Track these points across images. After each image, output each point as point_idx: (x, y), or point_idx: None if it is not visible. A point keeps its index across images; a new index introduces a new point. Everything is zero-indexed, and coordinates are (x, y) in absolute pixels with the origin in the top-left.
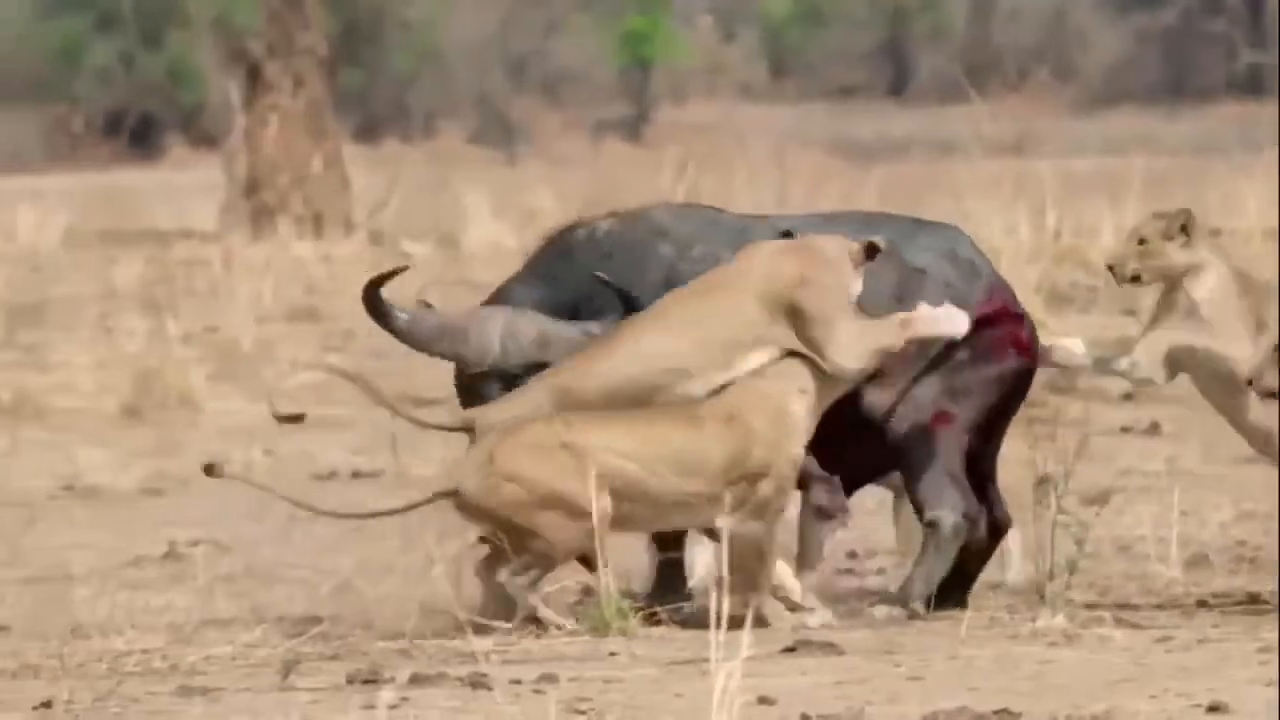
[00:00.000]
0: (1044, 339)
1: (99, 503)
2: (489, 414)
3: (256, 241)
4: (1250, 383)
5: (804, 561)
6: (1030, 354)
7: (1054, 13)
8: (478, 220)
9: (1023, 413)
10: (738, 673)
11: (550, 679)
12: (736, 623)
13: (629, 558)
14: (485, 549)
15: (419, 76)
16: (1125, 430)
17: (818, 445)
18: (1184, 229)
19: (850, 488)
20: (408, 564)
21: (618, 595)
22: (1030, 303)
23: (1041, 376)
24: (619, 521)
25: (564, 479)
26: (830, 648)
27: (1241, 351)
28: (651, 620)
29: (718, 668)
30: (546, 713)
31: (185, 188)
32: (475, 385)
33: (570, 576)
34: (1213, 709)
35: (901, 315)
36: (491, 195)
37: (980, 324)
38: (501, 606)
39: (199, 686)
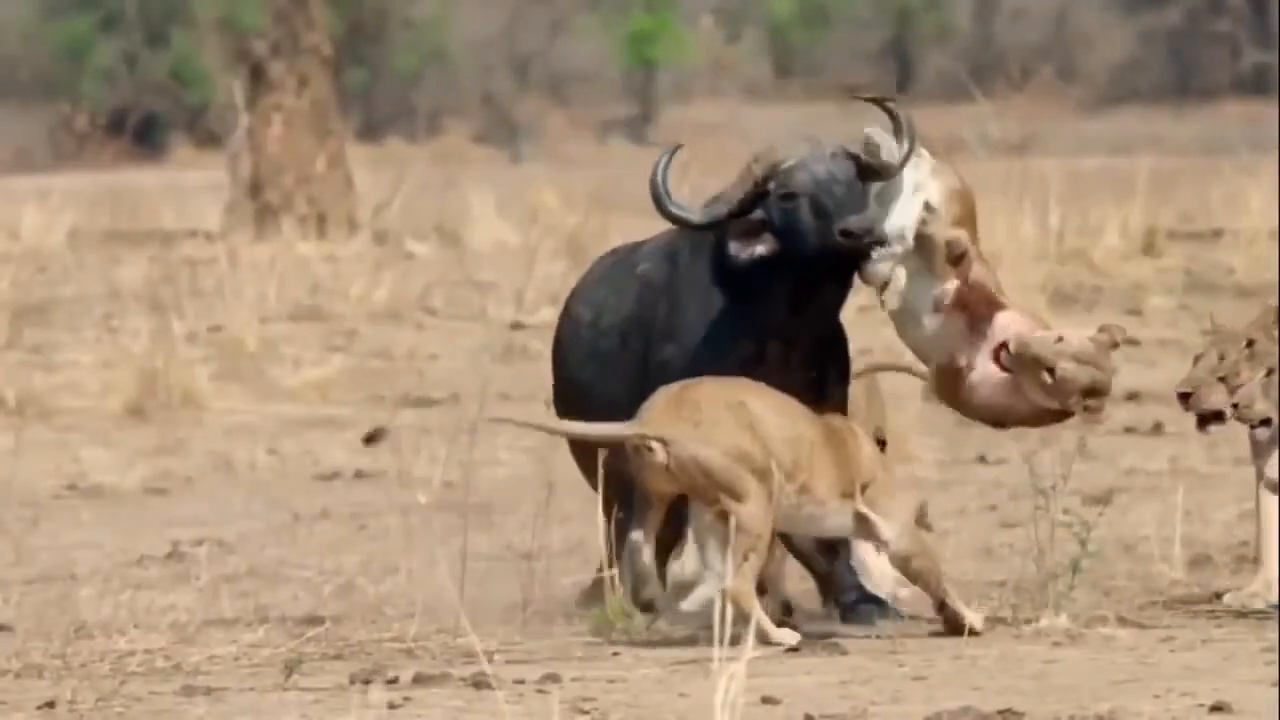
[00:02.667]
0: None
1: (103, 502)
2: None
3: (261, 241)
4: (1223, 381)
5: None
6: None
7: (1058, 12)
8: (483, 220)
9: None
10: (742, 673)
11: (553, 679)
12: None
13: None
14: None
15: (423, 76)
16: (1129, 430)
17: None
18: None
19: None
20: (411, 564)
21: (621, 594)
22: (1035, 302)
23: None
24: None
25: (745, 439)
26: (834, 647)
27: None
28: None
29: (721, 668)
30: (550, 712)
31: (190, 187)
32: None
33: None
34: (1216, 709)
35: None
36: (496, 195)
37: None
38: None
39: (202, 686)
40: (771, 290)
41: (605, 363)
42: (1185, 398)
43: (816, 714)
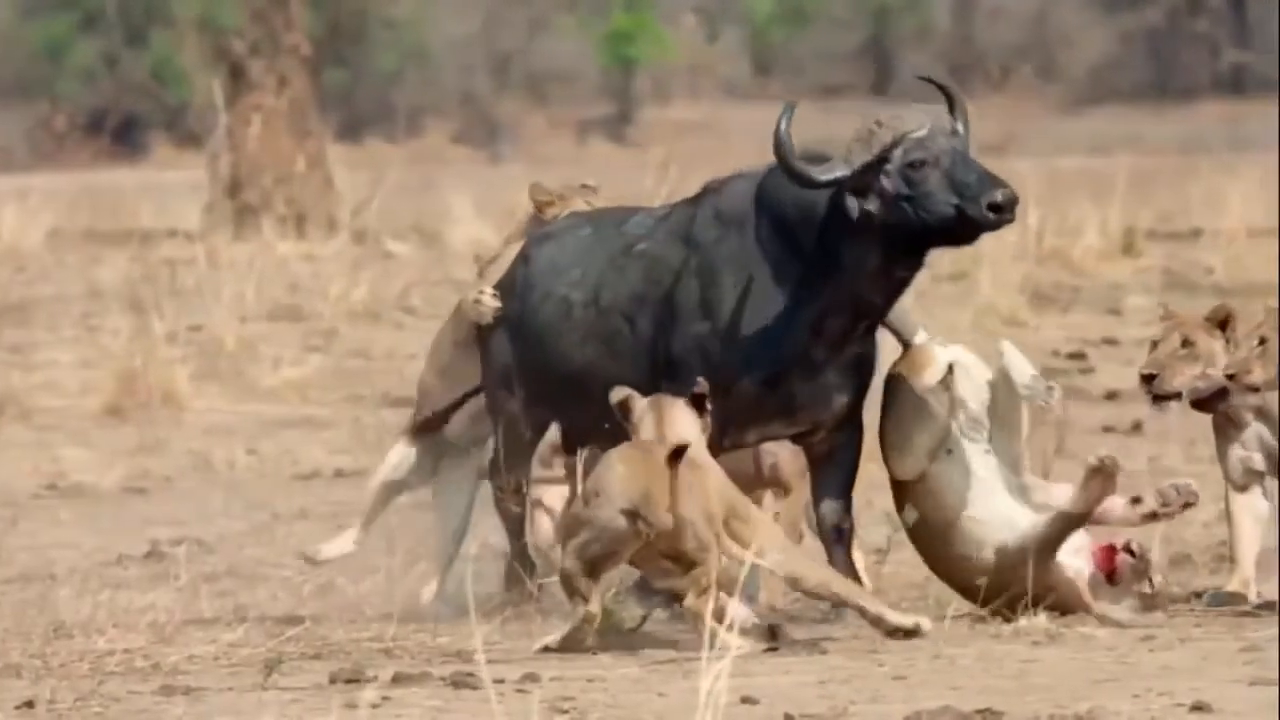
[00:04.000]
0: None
1: (82, 502)
2: None
3: (240, 241)
4: (1232, 378)
5: None
6: None
7: (1037, 12)
8: (462, 220)
9: None
10: (725, 673)
11: (533, 678)
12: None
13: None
14: None
15: (403, 76)
16: (1107, 429)
17: None
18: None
19: None
20: (390, 563)
21: (603, 595)
22: (1014, 302)
23: None
24: None
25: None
26: (813, 646)
27: None
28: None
29: (707, 667)
30: (529, 712)
31: (169, 187)
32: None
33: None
34: (1196, 708)
35: None
36: (475, 195)
37: None
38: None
39: (181, 686)
40: (849, 264)
41: (608, 343)
42: (1149, 379)
43: (796, 714)
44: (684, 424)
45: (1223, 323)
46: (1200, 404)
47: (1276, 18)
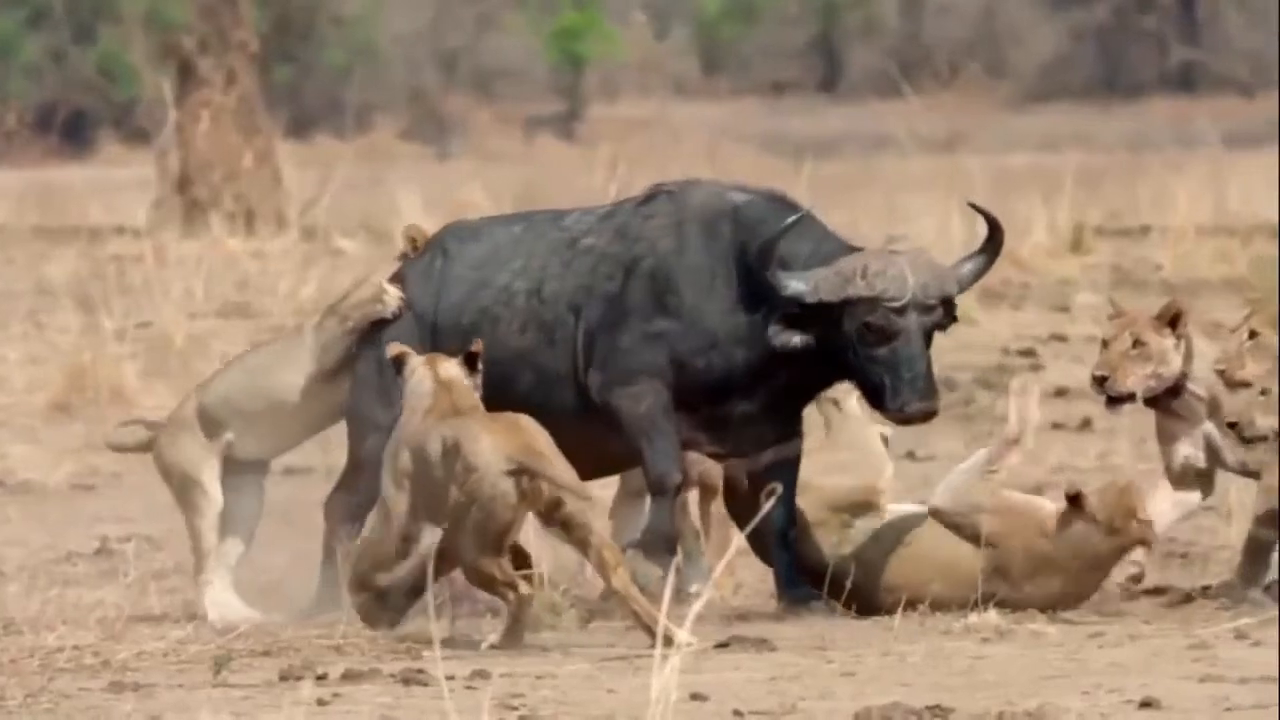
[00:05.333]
0: None
1: (30, 498)
2: None
3: (189, 237)
4: (1222, 374)
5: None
6: None
7: (986, 9)
8: (410, 216)
9: (957, 409)
10: (675, 669)
11: (483, 675)
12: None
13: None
14: None
15: (351, 72)
16: (1057, 427)
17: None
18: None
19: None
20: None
21: (551, 591)
22: (963, 299)
23: (974, 373)
24: None
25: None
26: (763, 643)
27: None
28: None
29: (661, 664)
30: (479, 709)
31: (117, 184)
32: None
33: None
34: (1145, 705)
35: None
36: (424, 191)
37: None
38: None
39: (131, 683)
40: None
41: (547, 332)
42: (1101, 381)
43: (745, 710)
44: (459, 379)
45: (1173, 320)
46: (1152, 400)
47: (1225, 16)
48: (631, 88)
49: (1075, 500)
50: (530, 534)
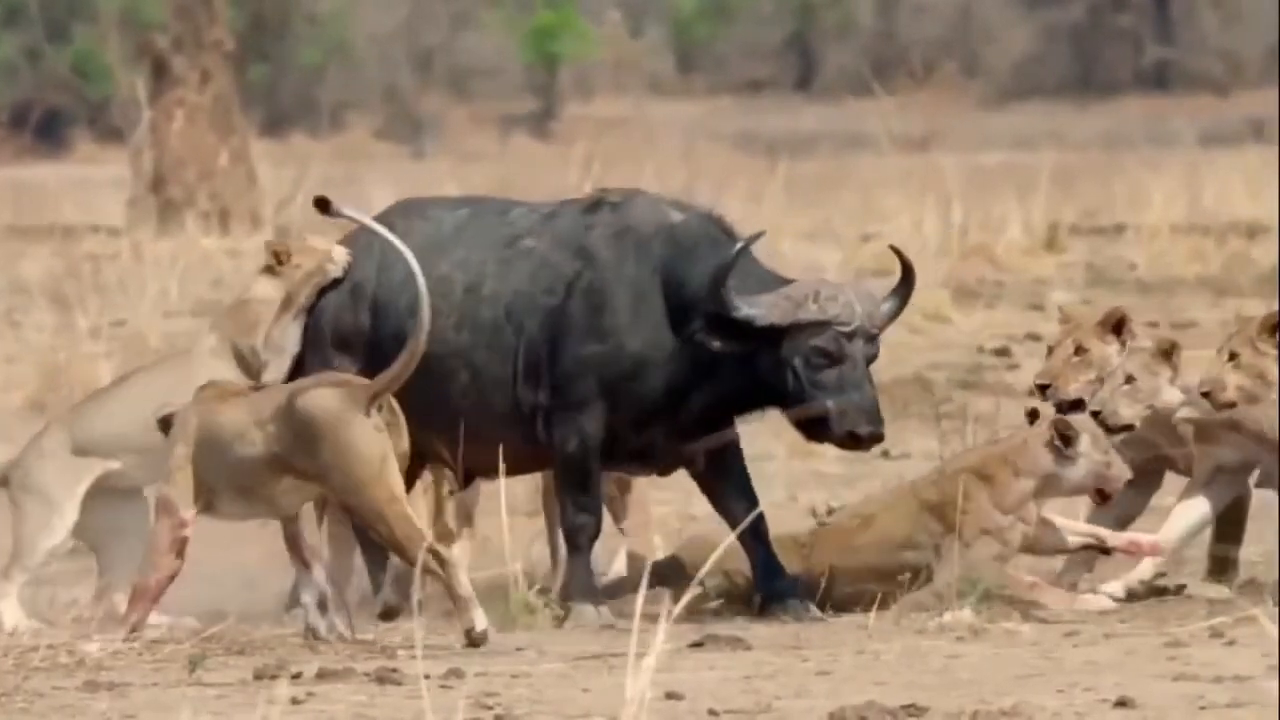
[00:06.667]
0: None
1: (5, 496)
2: None
3: (163, 236)
4: (1207, 395)
5: None
6: None
7: (960, 7)
8: None
9: (931, 408)
10: (650, 668)
11: (457, 674)
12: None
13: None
14: None
15: (326, 71)
16: None
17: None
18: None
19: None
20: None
21: (526, 590)
22: (937, 298)
23: (949, 372)
24: None
25: None
26: (738, 643)
27: None
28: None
29: (636, 663)
30: (454, 707)
31: (92, 182)
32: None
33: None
34: (1120, 704)
35: None
36: (399, 190)
37: None
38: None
39: (105, 681)
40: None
41: (486, 335)
42: (1044, 388)
43: (720, 709)
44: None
45: (1116, 326)
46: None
47: (1199, 14)
48: (607, 86)
49: None
50: (507, 535)
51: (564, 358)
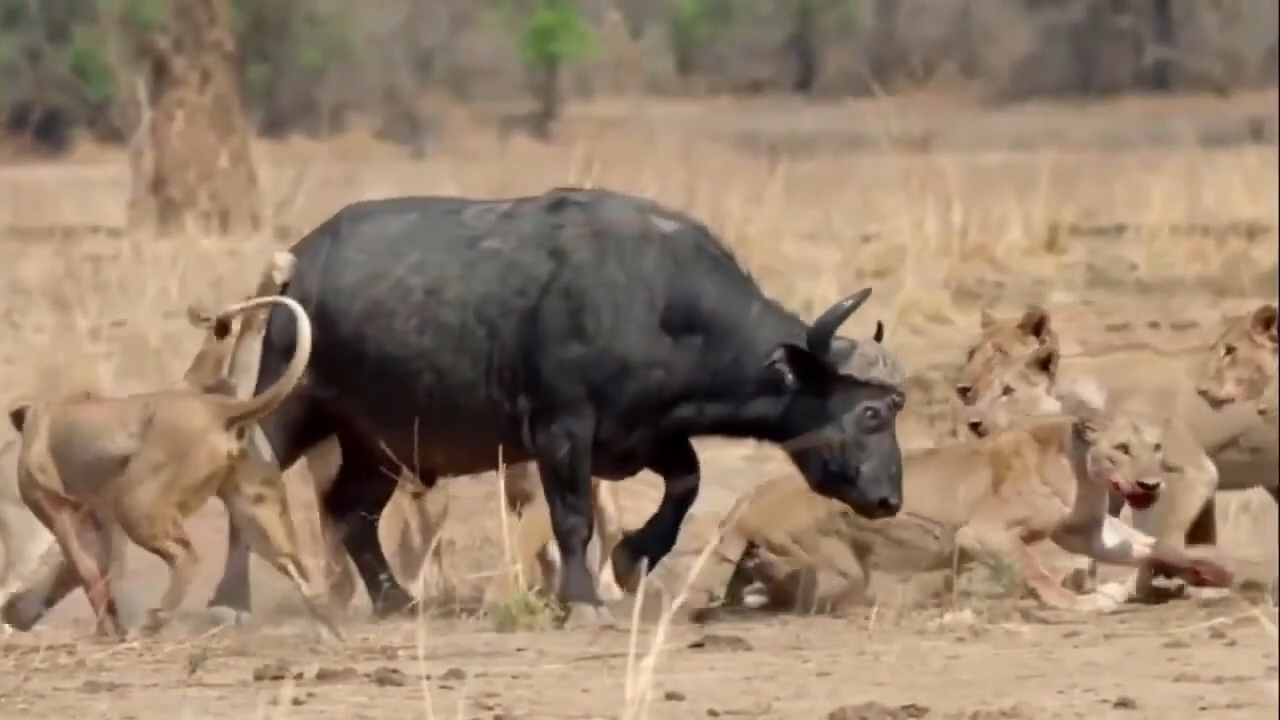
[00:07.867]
0: None
1: None
2: None
3: (163, 237)
4: (1204, 393)
5: None
6: None
7: (961, 8)
8: None
9: (924, 410)
10: (650, 669)
11: (458, 674)
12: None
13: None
14: None
15: (326, 71)
16: None
17: None
18: None
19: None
20: (313, 562)
21: (526, 591)
22: (938, 298)
23: (948, 372)
24: None
25: None
26: (738, 643)
27: None
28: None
29: (636, 664)
30: (454, 708)
31: (92, 183)
32: None
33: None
34: (1120, 704)
35: None
36: (399, 191)
37: None
38: None
39: (106, 682)
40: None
41: (453, 338)
42: (963, 392)
43: (720, 710)
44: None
45: (1036, 328)
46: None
47: (1199, 14)
48: (606, 87)
49: None
50: (505, 538)
51: (545, 361)
